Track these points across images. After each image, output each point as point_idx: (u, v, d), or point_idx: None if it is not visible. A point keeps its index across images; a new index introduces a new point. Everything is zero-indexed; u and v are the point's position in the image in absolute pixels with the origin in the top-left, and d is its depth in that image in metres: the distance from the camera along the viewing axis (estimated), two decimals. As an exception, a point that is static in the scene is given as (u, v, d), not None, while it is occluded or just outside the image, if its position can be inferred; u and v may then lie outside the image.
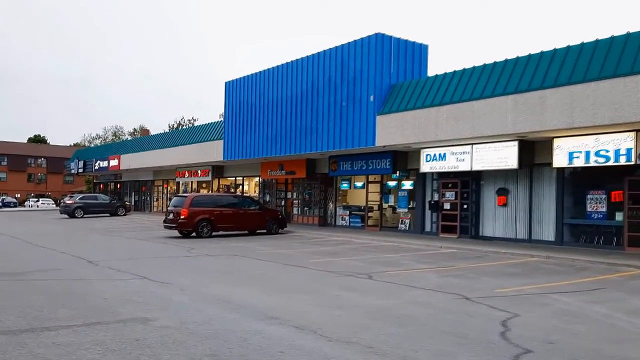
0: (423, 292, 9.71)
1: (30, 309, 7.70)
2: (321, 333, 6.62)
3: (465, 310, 8.11)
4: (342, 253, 16.26)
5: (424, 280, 11.01)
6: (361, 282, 10.85)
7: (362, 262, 13.96)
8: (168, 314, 7.50)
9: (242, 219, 22.47)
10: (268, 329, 6.76)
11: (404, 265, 13.48)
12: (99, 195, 42.46)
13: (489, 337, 6.56)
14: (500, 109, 16.76)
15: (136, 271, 11.76)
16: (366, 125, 21.25)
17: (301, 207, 28.84)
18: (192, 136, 34.85)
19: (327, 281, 10.90)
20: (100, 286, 9.85)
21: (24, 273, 11.48)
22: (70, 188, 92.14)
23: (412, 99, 19.86)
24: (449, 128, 18.31)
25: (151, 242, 19.53)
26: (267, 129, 26.50)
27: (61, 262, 13.48)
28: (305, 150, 24.32)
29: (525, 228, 18.88)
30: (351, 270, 12.42)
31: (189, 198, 21.68)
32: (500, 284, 10.82)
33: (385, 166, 22.88)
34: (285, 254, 15.95)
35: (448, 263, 14.03)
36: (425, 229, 22.18)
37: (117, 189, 51.87)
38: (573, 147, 16.32)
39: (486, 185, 20.22)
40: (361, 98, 21.49)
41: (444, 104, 18.56)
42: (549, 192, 18.30)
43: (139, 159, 40.97)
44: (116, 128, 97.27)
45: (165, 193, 43.53)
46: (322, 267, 12.94)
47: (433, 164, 20.56)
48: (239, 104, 28.83)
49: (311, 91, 23.91)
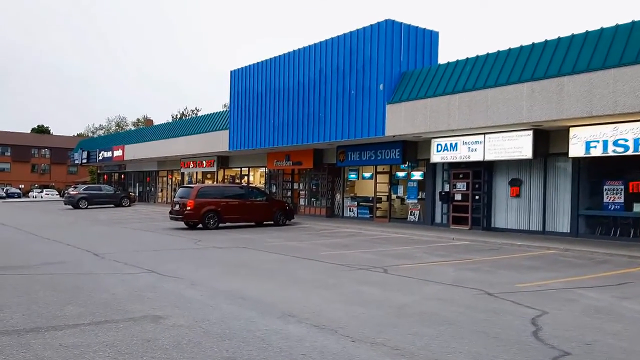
0: (442, 287, 9.33)
1: (36, 306, 7.34)
2: (343, 332, 6.25)
3: (490, 307, 7.73)
4: (353, 245, 15.89)
5: (441, 275, 10.63)
6: (377, 276, 10.47)
7: (374, 255, 13.59)
8: (180, 312, 7.13)
9: (249, 210, 22.11)
10: (287, 328, 6.39)
11: (418, 258, 13.10)
12: (103, 186, 42.16)
13: (522, 337, 6.18)
14: (516, 97, 16.30)
15: (144, 264, 11.41)
16: (375, 114, 20.80)
17: (308, 198, 28.46)
18: (197, 126, 34.46)
19: (341, 275, 10.53)
20: (108, 281, 9.50)
21: (29, 266, 11.13)
22: (74, 179, 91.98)
23: (423, 87, 19.40)
24: (462, 117, 17.87)
25: (157, 234, 19.19)
26: (274, 119, 26.07)
27: (67, 254, 13.14)
28: (312, 140, 23.90)
29: (539, 219, 18.47)
30: (365, 263, 12.05)
31: (195, 189, 21.31)
32: (520, 278, 10.43)
33: (395, 156, 22.45)
34: (295, 246, 15.59)
35: (463, 256, 13.65)
36: (435, 221, 21.78)
37: (121, 179, 51.57)
38: (590, 136, 15.87)
39: (499, 176, 19.79)
40: (370, 87, 21.03)
41: (457, 92, 18.10)
42: (564, 183, 17.87)
43: (143, 150, 40.62)
44: (119, 118, 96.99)
45: (170, 184, 43.19)
46: (334, 260, 12.58)
47: (444, 154, 20.13)
48: (244, 94, 28.39)
49: (319, 80, 23.45)
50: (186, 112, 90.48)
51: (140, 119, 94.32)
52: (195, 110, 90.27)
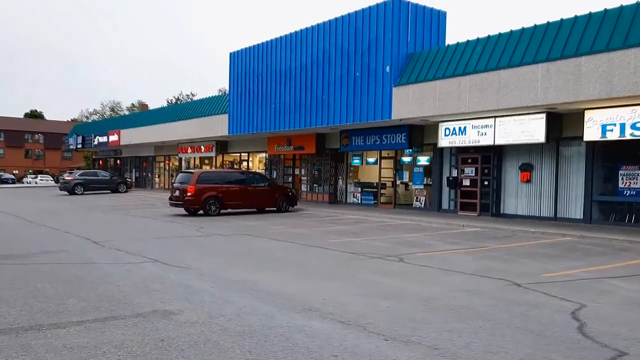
0: (465, 277, 8.81)
1: (35, 300, 6.78)
2: (372, 329, 5.72)
3: (522, 299, 7.21)
4: (361, 232, 15.36)
5: (460, 264, 10.11)
6: (393, 265, 9.95)
7: (385, 243, 13.07)
8: (192, 306, 6.59)
9: (251, 196, 21.53)
10: (310, 325, 5.86)
11: (432, 246, 12.59)
12: (99, 172, 41.43)
13: (568, 334, 5.66)
14: (530, 78, 15.71)
15: (147, 253, 10.85)
16: (382, 97, 20.18)
17: (310, 183, 27.88)
18: (195, 110, 33.71)
19: (356, 264, 10.00)
20: (111, 271, 8.93)
21: (26, 256, 10.55)
22: (68, 164, 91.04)
23: (431, 69, 18.77)
24: (473, 100, 17.28)
25: (158, 221, 18.62)
26: (275, 102, 25.40)
27: (65, 243, 12.56)
28: (315, 125, 23.27)
29: (551, 205, 17.97)
30: (377, 251, 11.53)
31: (196, 174, 20.70)
32: (544, 267, 9.93)
33: (401, 141, 21.87)
34: (301, 233, 15.05)
35: (477, 243, 13.15)
36: (442, 207, 21.26)
37: (117, 165, 50.81)
38: (607, 119, 15.31)
39: (508, 161, 19.25)
40: (376, 68, 20.38)
41: (467, 73, 17.49)
42: (577, 168, 17.34)
43: (140, 134, 39.86)
44: (114, 103, 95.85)
45: (168, 169, 42.52)
46: (344, 248, 12.05)
47: (452, 139, 19.56)
48: (244, 76, 27.66)
49: (322, 62, 22.76)
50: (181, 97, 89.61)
51: (134, 103, 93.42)
52: (191, 95, 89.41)
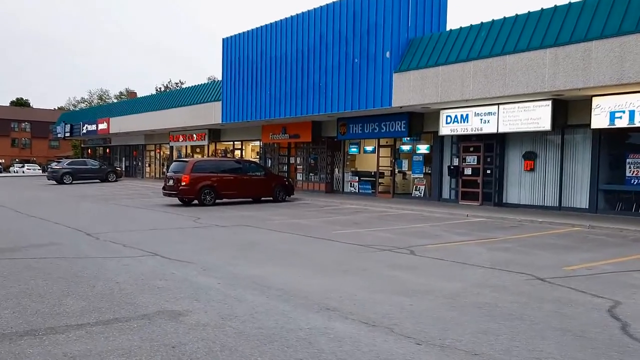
0: (484, 271, 8.36)
1: (29, 300, 6.24)
2: (401, 331, 5.24)
3: (552, 296, 6.77)
4: (364, 223, 14.89)
5: (474, 256, 9.67)
6: (405, 258, 9.48)
7: (391, 234, 12.61)
8: (200, 305, 6.07)
9: (247, 185, 20.97)
10: (333, 327, 5.37)
11: (440, 237, 12.14)
12: (88, 160, 40.60)
13: (613, 335, 5.22)
14: (537, 64, 15.24)
15: (144, 246, 10.31)
16: (381, 84, 19.65)
17: (306, 172, 27.34)
18: (188, 98, 32.95)
19: (367, 257, 9.52)
20: (109, 266, 8.38)
21: (16, 249, 9.96)
22: (55, 153, 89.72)
23: (433, 54, 18.26)
24: (477, 86, 16.79)
25: (152, 211, 18.03)
26: (270, 89, 24.78)
27: (57, 235, 11.96)
28: (312, 112, 22.71)
29: (555, 195, 17.59)
30: (385, 243, 11.06)
31: (191, 163, 20.09)
32: (562, 259, 9.51)
33: (400, 129, 21.38)
34: (302, 224, 14.55)
35: (485, 234, 12.72)
36: (442, 196, 20.84)
37: (106, 154, 49.95)
38: (616, 106, 14.89)
39: (511, 149, 18.83)
40: (376, 54, 19.83)
41: (471, 59, 17.00)
42: (583, 156, 16.95)
43: (130, 123, 39.06)
44: (101, 91, 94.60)
45: (158, 158, 41.79)
46: (350, 239, 11.58)
47: (454, 126, 19.10)
48: (238, 63, 26.97)
49: (319, 47, 22.16)
50: (170, 85, 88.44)
51: (123, 92, 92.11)
52: (180, 83, 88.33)
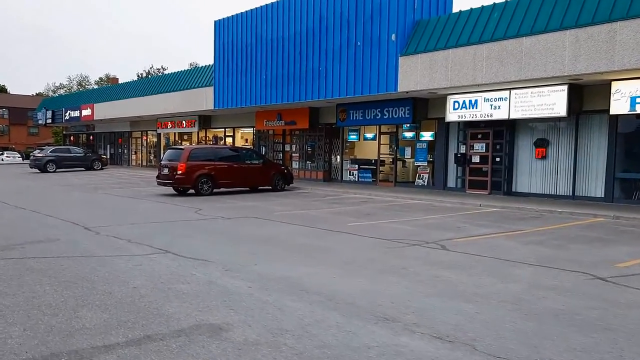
0: (534, 269, 7.64)
1: (39, 311, 5.36)
2: (486, 349, 4.49)
3: (626, 299, 6.09)
4: (376, 214, 14.14)
5: (511, 252, 8.96)
6: (439, 254, 8.75)
7: (410, 226, 11.88)
8: (239, 316, 5.26)
9: (245, 174, 20.07)
10: (403, 343, 4.60)
11: (463, 230, 11.42)
12: (72, 148, 39.23)
13: None
14: (556, 46, 14.54)
15: (151, 241, 9.44)
16: (386, 68, 18.84)
17: (303, 160, 26.46)
18: (178, 83, 31.74)
19: (397, 254, 8.76)
20: (119, 266, 7.50)
21: (11, 247, 9.01)
22: (35, 140, 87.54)
23: (442, 36, 17.47)
24: (490, 70, 16.06)
25: (148, 201, 17.08)
26: (266, 74, 23.81)
27: (52, 229, 11.01)
28: (311, 98, 21.83)
29: (569, 183, 17.01)
30: (409, 237, 10.32)
31: (187, 151, 19.11)
32: (605, 254, 8.86)
33: (404, 115, 20.62)
34: (312, 215, 13.75)
35: (508, 226, 12.05)
36: (447, 185, 20.17)
37: (89, 141, 48.49)
38: (637, 90, 14.29)
39: (522, 136, 18.19)
40: (380, 37, 18.99)
41: (484, 41, 16.26)
42: (599, 143, 16.37)
43: (115, 109, 37.75)
44: (81, 77, 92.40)
45: (145, 145, 40.57)
46: (368, 232, 10.82)
47: (461, 112, 18.38)
48: (231, 46, 25.91)
49: (319, 30, 21.24)
50: (152, 71, 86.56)
51: (103, 77, 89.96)
52: (162, 69, 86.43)
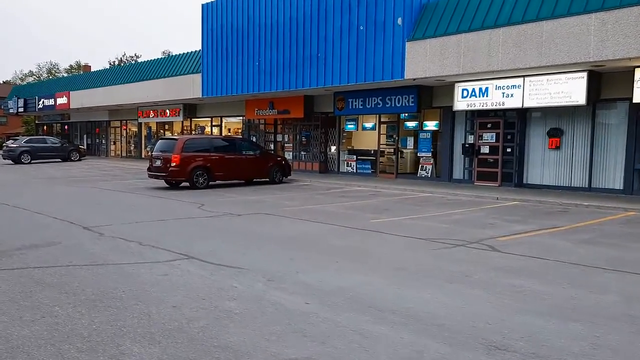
0: (617, 276, 6.75)
1: (70, 346, 4.25)
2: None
3: None
4: (393, 209, 13.23)
5: (570, 253, 8.11)
6: (493, 257, 7.86)
7: (437, 222, 11.01)
8: (319, 346, 4.27)
9: (242, 166, 18.96)
10: (544, 384, 3.69)
11: (499, 227, 10.58)
12: (48, 138, 37.35)
13: None
14: (581, 31, 13.76)
15: (165, 244, 8.37)
16: (392, 54, 17.88)
17: (297, 151, 25.38)
18: (162, 69, 30.20)
19: (447, 257, 7.84)
20: (144, 277, 6.42)
21: (8, 253, 7.81)
22: (4, 130, 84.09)
23: (453, 20, 16.59)
24: (507, 56, 15.24)
25: (142, 196, 15.88)
26: (259, 60, 22.63)
27: (48, 230, 9.82)
28: (309, 85, 20.76)
29: (584, 174, 16.35)
30: (445, 236, 9.44)
31: (181, 141, 17.90)
32: (669, 254, 8.11)
33: (409, 104, 19.72)
34: (327, 211, 12.78)
35: (541, 221, 11.27)
36: (453, 176, 19.38)
37: (64, 131, 46.51)
38: (665, 78, 13.64)
39: (534, 125, 17.47)
40: (385, 21, 18.02)
41: (500, 26, 15.42)
42: (617, 133, 15.72)
43: (94, 97, 36.02)
44: (51, 64, 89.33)
45: (125, 135, 38.95)
46: (398, 231, 9.91)
47: (471, 101, 17.56)
48: (221, 31, 24.59)
49: (317, 13, 20.15)
50: (125, 59, 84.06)
51: (73, 65, 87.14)
52: (135, 57, 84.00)
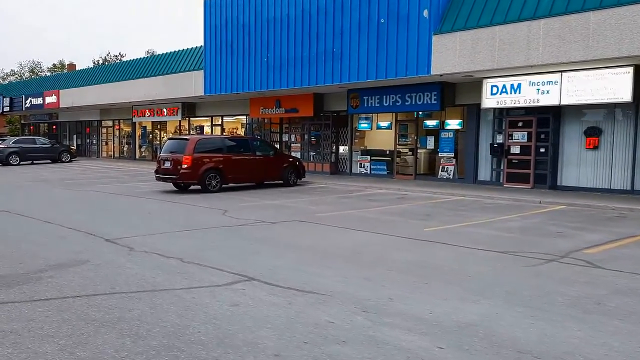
0: None
1: None
2: None
3: None
4: (436, 215, 12.13)
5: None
6: (599, 275, 6.77)
7: (497, 231, 9.95)
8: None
9: (255, 167, 17.73)
10: None
11: (569, 236, 9.51)
12: (37, 138, 35.64)
13: None
14: (634, 21, 12.79)
15: (210, 261, 7.18)
16: (416, 48, 16.80)
17: (306, 151, 24.17)
18: (161, 66, 28.79)
19: (544, 275, 6.72)
20: (210, 308, 5.21)
21: (32, 276, 6.53)
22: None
23: (486, 12, 15.57)
24: (549, 49, 14.22)
25: (153, 200, 14.59)
26: (267, 57, 21.40)
27: (66, 243, 8.54)
28: (323, 82, 19.59)
29: (626, 176, 15.42)
30: (522, 248, 8.37)
31: (192, 142, 16.61)
32: None
33: (431, 101, 18.66)
34: (365, 217, 11.64)
35: (609, 229, 10.25)
36: (479, 178, 18.36)
37: (52, 131, 44.74)
38: None
39: (568, 124, 16.50)
40: (409, 13, 16.93)
41: (540, 17, 14.40)
42: (663, 132, 14.83)
43: (85, 95, 34.46)
44: (33, 63, 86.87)
45: (118, 135, 37.40)
46: (458, 241, 8.80)
47: (501, 98, 16.55)
48: (225, 26, 23.27)
49: (333, 6, 18.99)
50: (109, 58, 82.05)
51: (56, 63, 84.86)
52: (120, 56, 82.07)
